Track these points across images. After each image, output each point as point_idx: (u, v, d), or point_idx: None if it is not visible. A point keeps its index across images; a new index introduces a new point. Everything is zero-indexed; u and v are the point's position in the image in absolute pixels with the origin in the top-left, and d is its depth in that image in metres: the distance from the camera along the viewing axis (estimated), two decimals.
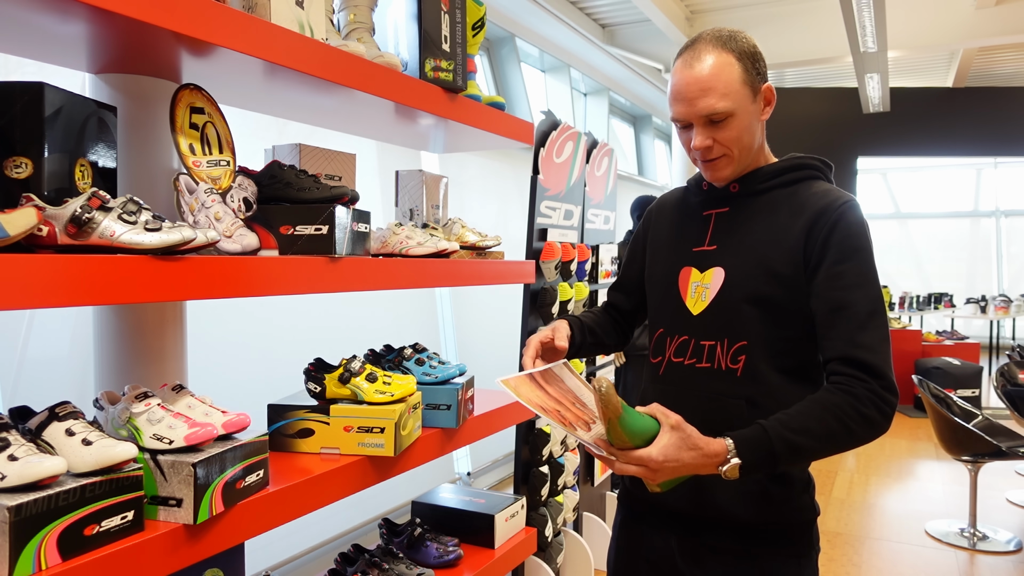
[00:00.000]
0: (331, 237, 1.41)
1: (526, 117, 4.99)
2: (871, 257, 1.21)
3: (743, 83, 1.22)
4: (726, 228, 1.31)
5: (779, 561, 1.26)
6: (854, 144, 8.22)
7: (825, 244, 1.20)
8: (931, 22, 6.44)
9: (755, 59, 1.25)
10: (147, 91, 1.41)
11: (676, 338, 1.33)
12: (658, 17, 5.98)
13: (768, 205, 1.29)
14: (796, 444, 1.11)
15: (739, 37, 1.25)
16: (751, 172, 1.31)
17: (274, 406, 1.60)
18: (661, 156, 9.34)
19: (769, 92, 1.27)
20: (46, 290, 0.94)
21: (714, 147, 1.26)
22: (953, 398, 4.06)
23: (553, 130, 2.84)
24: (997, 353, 9.46)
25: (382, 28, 1.81)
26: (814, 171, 1.32)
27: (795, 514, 1.27)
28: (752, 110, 1.24)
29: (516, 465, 2.78)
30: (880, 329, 1.17)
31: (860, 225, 1.22)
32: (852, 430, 1.13)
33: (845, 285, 1.18)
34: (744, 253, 1.27)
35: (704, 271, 1.31)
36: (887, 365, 1.15)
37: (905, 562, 3.51)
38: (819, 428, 1.12)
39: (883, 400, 1.14)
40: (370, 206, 1.74)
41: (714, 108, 1.21)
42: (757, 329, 1.24)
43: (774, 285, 1.23)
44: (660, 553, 1.35)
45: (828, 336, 1.19)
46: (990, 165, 11.67)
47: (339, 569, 1.93)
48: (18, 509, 0.90)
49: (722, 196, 1.34)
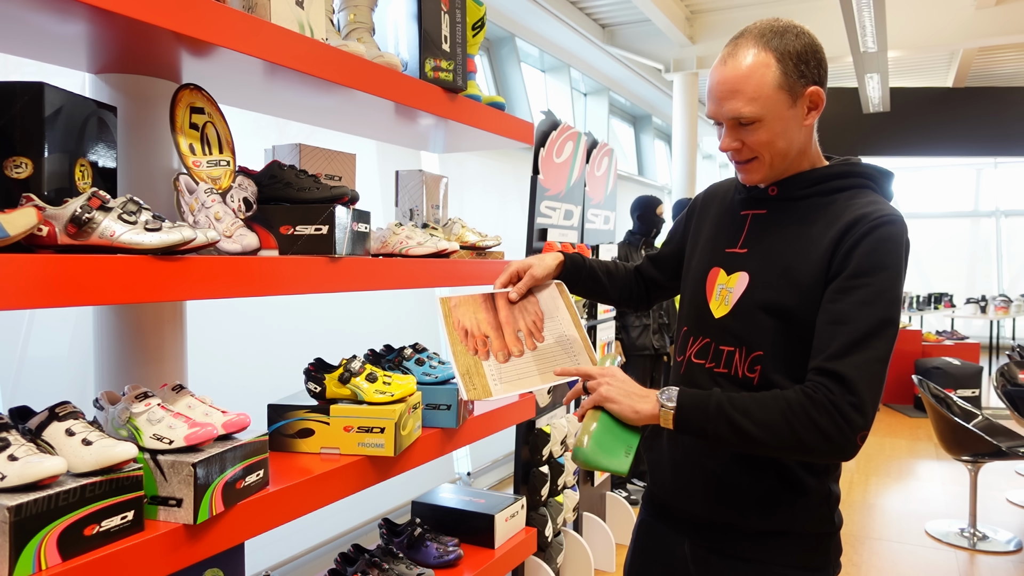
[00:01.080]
0: (331, 237, 1.41)
1: (526, 117, 4.99)
2: (894, 279, 1.11)
3: (778, 87, 1.15)
4: (759, 232, 1.26)
5: (790, 572, 1.22)
6: (854, 144, 8.21)
7: (848, 256, 1.13)
8: (931, 22, 6.44)
9: (802, 60, 1.16)
10: (147, 91, 1.41)
11: (699, 339, 1.30)
12: (658, 17, 5.98)
13: (804, 213, 1.22)
14: (732, 419, 1.10)
15: (789, 34, 1.16)
16: (792, 176, 1.24)
17: (274, 406, 1.60)
18: (661, 156, 9.35)
19: (816, 96, 1.18)
20: (46, 290, 0.94)
21: (743, 150, 1.21)
22: (953, 398, 4.06)
23: (553, 130, 2.84)
24: (997, 353, 9.46)
25: (382, 28, 1.81)
26: (862, 180, 1.22)
27: (810, 525, 1.22)
28: (788, 115, 1.17)
29: (516, 465, 2.78)
30: (874, 351, 1.08)
31: (892, 243, 1.12)
32: (796, 432, 1.07)
33: (854, 300, 1.11)
34: (771, 261, 1.21)
35: (731, 274, 1.26)
36: (866, 386, 1.07)
37: (905, 562, 3.51)
38: (760, 415, 1.09)
39: (843, 416, 1.06)
40: (370, 206, 1.74)
41: (740, 112, 1.16)
42: (774, 340, 1.18)
43: (795, 297, 1.17)
44: (673, 555, 1.34)
45: (818, 347, 1.13)
46: (990, 165, 11.67)
47: (339, 569, 1.93)
48: (18, 509, 0.90)
49: (761, 198, 1.28)
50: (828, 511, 1.23)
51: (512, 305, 1.39)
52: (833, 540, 1.26)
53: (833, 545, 1.26)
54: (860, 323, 1.09)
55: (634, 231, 4.29)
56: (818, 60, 1.18)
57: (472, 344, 1.31)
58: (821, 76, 1.19)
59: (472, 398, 1.24)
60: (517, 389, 1.28)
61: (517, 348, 1.33)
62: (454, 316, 1.33)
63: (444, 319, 1.33)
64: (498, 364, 1.29)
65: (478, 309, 1.37)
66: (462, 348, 1.30)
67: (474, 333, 1.32)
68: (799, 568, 1.22)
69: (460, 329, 1.32)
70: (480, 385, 1.26)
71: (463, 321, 1.33)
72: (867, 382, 1.07)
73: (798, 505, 1.21)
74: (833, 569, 1.26)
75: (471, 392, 1.24)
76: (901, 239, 1.14)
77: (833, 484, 1.25)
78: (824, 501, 1.23)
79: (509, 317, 1.37)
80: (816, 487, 1.22)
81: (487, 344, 1.31)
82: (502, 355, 1.31)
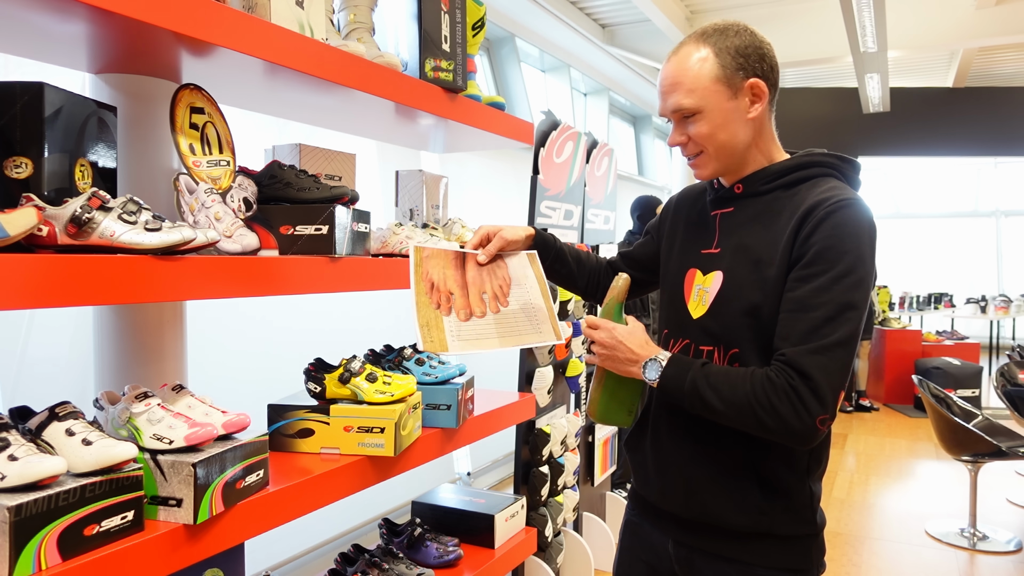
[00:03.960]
0: (331, 237, 1.41)
1: (526, 117, 4.99)
2: (854, 263, 1.11)
3: (715, 79, 1.19)
4: (729, 231, 1.27)
5: (773, 574, 1.22)
6: (854, 144, 8.21)
7: (806, 242, 1.13)
8: (931, 22, 6.43)
9: (741, 54, 1.20)
10: (147, 91, 1.41)
11: (679, 340, 1.31)
12: (658, 17, 5.97)
13: (769, 207, 1.23)
14: (703, 395, 1.15)
15: (730, 31, 1.21)
16: (756, 172, 1.26)
17: (274, 406, 1.60)
18: (661, 156, 9.34)
19: (757, 88, 1.21)
20: (46, 290, 0.94)
21: (689, 144, 1.26)
22: (953, 398, 4.06)
23: (553, 130, 2.84)
24: (997, 353, 9.45)
25: (382, 28, 1.81)
26: (824, 169, 1.24)
27: (791, 527, 1.22)
28: (728, 107, 1.20)
29: (516, 465, 2.78)
30: (833, 336, 1.09)
31: (851, 226, 1.12)
32: (757, 414, 1.10)
33: (814, 287, 1.11)
34: (741, 257, 1.23)
35: (707, 274, 1.28)
36: (823, 371, 1.08)
37: (905, 562, 3.51)
38: (729, 394, 1.13)
39: (801, 400, 1.08)
40: (370, 206, 1.74)
41: (680, 104, 1.21)
42: (749, 337, 1.19)
43: (766, 293, 1.17)
44: (658, 555, 1.35)
45: (780, 333, 1.14)
46: (990, 165, 11.66)
47: (339, 569, 1.93)
48: (18, 509, 0.90)
49: (728, 197, 1.30)
50: (810, 513, 1.23)
51: (481, 267, 1.43)
52: (815, 541, 1.25)
53: (815, 546, 1.26)
54: (819, 310, 1.10)
55: (634, 231, 4.29)
56: (760, 55, 1.22)
57: (436, 298, 1.34)
58: (765, 71, 1.23)
59: (428, 350, 1.27)
60: (473, 348, 1.31)
61: (480, 309, 1.36)
62: (424, 267, 1.36)
63: (414, 267, 1.35)
64: (458, 321, 1.32)
65: (447, 265, 1.39)
66: (426, 300, 1.32)
67: (439, 287, 1.35)
68: (781, 570, 1.22)
69: (427, 280, 1.35)
70: (438, 339, 1.28)
71: (431, 273, 1.36)
72: (826, 368, 1.08)
73: (778, 507, 1.21)
74: (817, 570, 1.26)
75: (428, 344, 1.27)
76: (860, 221, 1.13)
77: (815, 484, 1.25)
78: (806, 503, 1.22)
79: (476, 278, 1.40)
80: (797, 488, 1.21)
81: (450, 300, 1.34)
82: (464, 313, 1.34)
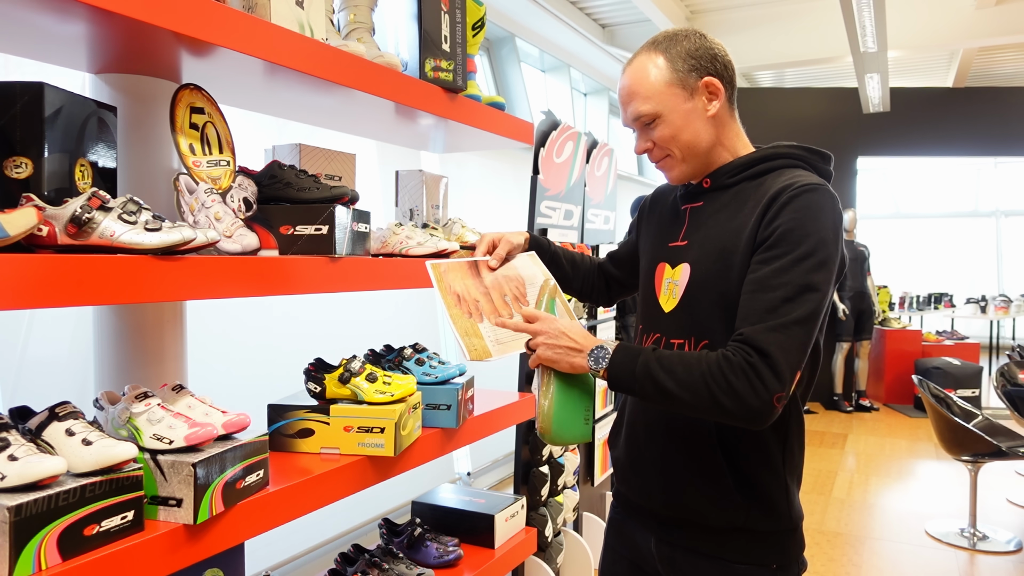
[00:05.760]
0: (331, 237, 1.41)
1: (526, 117, 4.99)
2: (816, 245, 1.11)
3: (668, 83, 1.23)
4: (697, 223, 1.29)
5: (753, 570, 1.22)
6: (854, 144, 8.20)
7: (769, 226, 1.14)
8: (931, 22, 6.43)
9: (692, 56, 1.23)
10: (147, 91, 1.41)
11: (651, 335, 1.32)
12: (658, 17, 5.97)
13: (735, 198, 1.25)
14: (655, 378, 1.13)
15: (680, 36, 1.25)
16: (722, 166, 1.28)
17: (274, 406, 1.60)
18: None
19: (712, 85, 1.23)
20: (46, 290, 0.94)
21: (655, 149, 1.28)
22: (953, 398, 4.06)
23: (553, 130, 2.84)
24: (997, 353, 9.45)
25: (382, 28, 1.81)
26: (790, 160, 1.25)
27: (768, 522, 1.22)
28: (687, 108, 1.23)
29: (516, 465, 2.78)
30: (791, 315, 1.08)
31: (813, 210, 1.13)
32: (714, 394, 1.08)
33: (774, 268, 1.11)
34: (707, 248, 1.24)
35: (675, 267, 1.29)
36: (780, 348, 1.07)
37: (905, 562, 3.51)
38: (684, 376, 1.11)
39: (759, 376, 1.06)
40: (370, 206, 1.74)
41: (639, 111, 1.24)
42: (720, 328, 1.19)
43: (732, 281, 1.18)
44: (641, 553, 1.35)
45: (740, 315, 1.13)
46: (990, 165, 11.66)
47: (339, 569, 1.93)
48: (18, 509, 0.90)
49: (696, 191, 1.32)
50: (786, 507, 1.23)
51: (494, 272, 1.44)
52: (793, 536, 1.25)
53: (793, 541, 1.25)
54: (779, 290, 1.10)
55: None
56: (711, 56, 1.24)
57: (466, 308, 1.34)
58: (718, 69, 1.25)
59: (474, 359, 1.26)
60: (511, 351, 1.31)
61: (506, 312, 1.37)
62: (446, 281, 1.36)
63: (437, 283, 1.35)
64: (492, 326, 1.32)
65: (465, 275, 1.40)
66: (458, 311, 1.32)
67: (465, 297, 1.35)
68: (760, 565, 1.22)
69: (452, 293, 1.35)
70: (480, 346, 1.28)
71: (454, 286, 1.36)
72: (783, 346, 1.08)
73: (754, 503, 1.21)
74: (797, 565, 1.26)
75: (473, 353, 1.26)
76: (824, 205, 1.14)
77: (790, 478, 1.24)
78: (782, 498, 1.22)
79: (494, 283, 1.42)
80: (772, 484, 1.21)
81: (479, 307, 1.34)
82: (493, 318, 1.34)
